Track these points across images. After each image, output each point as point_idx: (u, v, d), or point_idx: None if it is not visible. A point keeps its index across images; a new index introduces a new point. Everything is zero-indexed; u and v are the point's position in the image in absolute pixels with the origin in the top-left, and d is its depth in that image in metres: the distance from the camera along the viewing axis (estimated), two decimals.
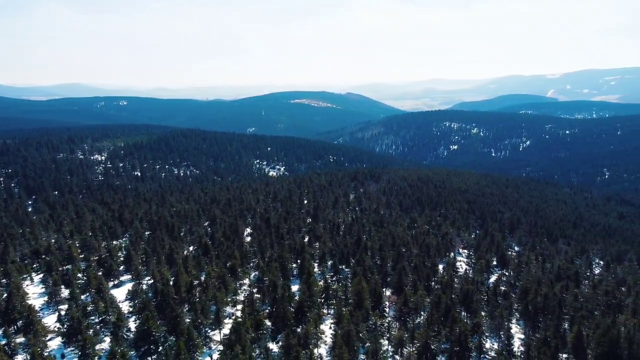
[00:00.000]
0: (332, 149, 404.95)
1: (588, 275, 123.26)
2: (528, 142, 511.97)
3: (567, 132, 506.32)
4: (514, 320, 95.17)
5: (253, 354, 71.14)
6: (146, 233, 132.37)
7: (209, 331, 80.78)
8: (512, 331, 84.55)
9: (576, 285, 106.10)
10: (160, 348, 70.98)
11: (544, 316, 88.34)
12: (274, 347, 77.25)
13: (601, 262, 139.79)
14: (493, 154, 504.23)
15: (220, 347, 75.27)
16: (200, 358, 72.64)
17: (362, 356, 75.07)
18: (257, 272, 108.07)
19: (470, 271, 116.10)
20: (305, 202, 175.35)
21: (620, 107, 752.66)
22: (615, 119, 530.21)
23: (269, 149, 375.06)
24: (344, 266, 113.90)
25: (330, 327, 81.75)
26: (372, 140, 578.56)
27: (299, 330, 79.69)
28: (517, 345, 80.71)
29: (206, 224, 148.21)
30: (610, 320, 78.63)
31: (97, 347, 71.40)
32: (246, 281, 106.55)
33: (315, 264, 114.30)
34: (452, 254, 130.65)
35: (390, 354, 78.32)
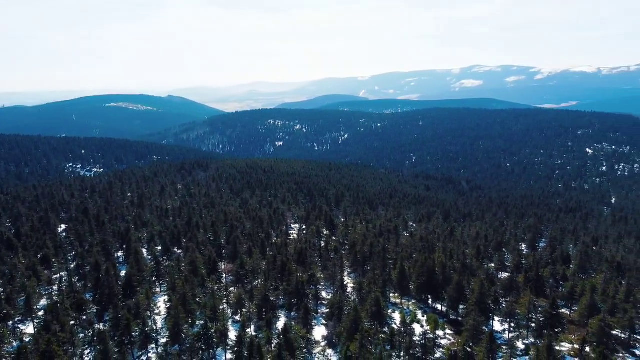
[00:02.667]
0: (156, 148, 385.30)
1: (405, 229, 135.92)
2: (346, 136, 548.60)
3: (379, 125, 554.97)
4: (345, 274, 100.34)
5: (80, 335, 63.79)
6: None
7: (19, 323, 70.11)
8: (346, 282, 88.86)
9: (396, 237, 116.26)
10: None
11: (372, 263, 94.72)
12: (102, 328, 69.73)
13: (414, 225, 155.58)
14: (316, 148, 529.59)
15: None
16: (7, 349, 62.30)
17: (200, 322, 71.73)
18: (78, 261, 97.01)
19: (303, 236, 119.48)
20: (129, 194, 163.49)
21: (419, 104, 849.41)
22: (416, 112, 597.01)
23: (83, 151, 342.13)
24: (176, 248, 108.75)
25: (165, 300, 77.15)
26: (199, 141, 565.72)
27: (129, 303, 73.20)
28: (350, 290, 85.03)
29: (8, 223, 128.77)
30: (426, 256, 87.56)
31: None
32: (64, 274, 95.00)
33: (144, 249, 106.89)
34: (284, 226, 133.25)
35: (230, 314, 76.46)
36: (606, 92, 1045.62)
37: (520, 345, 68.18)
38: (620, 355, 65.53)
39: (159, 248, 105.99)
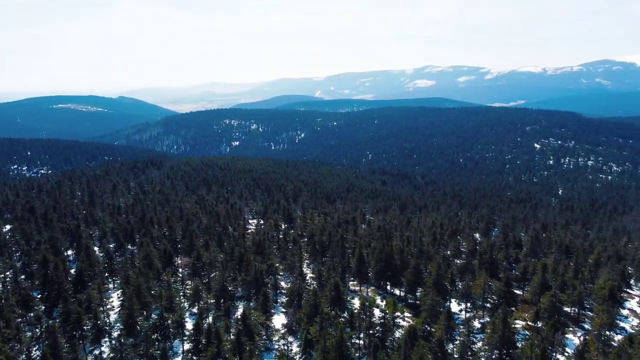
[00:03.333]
0: (107, 149, 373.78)
1: (363, 222, 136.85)
2: (303, 135, 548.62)
3: (335, 123, 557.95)
4: (305, 265, 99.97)
5: (28, 333, 60.70)
6: None
7: None
8: (305, 272, 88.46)
9: (354, 227, 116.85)
10: None
11: (330, 251, 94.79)
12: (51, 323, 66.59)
13: (372, 217, 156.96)
14: (273, 147, 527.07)
15: None
16: None
17: (155, 314, 69.73)
18: (24, 259, 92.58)
19: (261, 229, 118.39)
20: (79, 193, 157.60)
21: (374, 103, 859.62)
22: (372, 111, 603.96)
23: (28, 152, 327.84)
24: (129, 245, 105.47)
25: (118, 296, 74.66)
26: (152, 142, 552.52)
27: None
28: (309, 279, 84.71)
29: None
30: (384, 243, 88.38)
31: None
32: (9, 273, 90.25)
33: (96, 248, 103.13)
34: (241, 221, 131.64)
35: (187, 307, 74.65)
36: (551, 91, 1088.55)
37: (476, 324, 69.74)
38: (571, 329, 68.05)
39: (112, 246, 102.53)
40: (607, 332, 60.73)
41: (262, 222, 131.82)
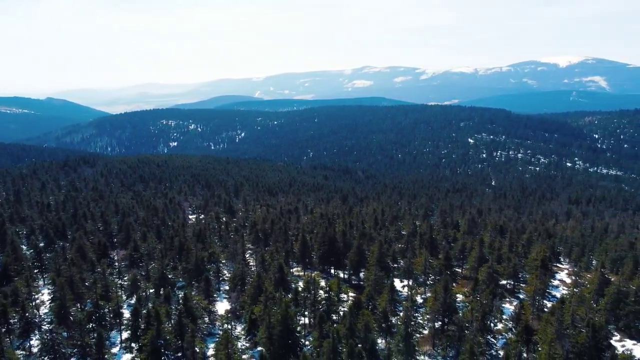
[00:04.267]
0: (35, 151, 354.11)
1: (306, 212, 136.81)
2: (243, 134, 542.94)
3: (276, 122, 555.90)
4: (248, 255, 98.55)
5: None
6: None
7: None
8: (248, 260, 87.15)
9: (297, 216, 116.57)
10: None
11: (273, 237, 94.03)
12: None
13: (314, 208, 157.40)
14: (212, 147, 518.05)
15: None
16: None
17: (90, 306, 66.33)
18: None
19: (202, 220, 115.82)
20: (4, 192, 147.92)
21: (314, 103, 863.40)
22: (312, 109, 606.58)
23: None
24: (61, 241, 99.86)
25: (49, 291, 70.42)
26: (84, 144, 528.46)
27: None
28: (252, 265, 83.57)
29: None
30: (327, 226, 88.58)
31: None
32: None
33: (24, 247, 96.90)
34: (181, 214, 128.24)
35: (125, 298, 71.56)
36: (482, 90, 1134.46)
37: (419, 299, 71.13)
38: (507, 299, 70.80)
39: (42, 244, 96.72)
40: (541, 299, 63.75)
41: (202, 216, 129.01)
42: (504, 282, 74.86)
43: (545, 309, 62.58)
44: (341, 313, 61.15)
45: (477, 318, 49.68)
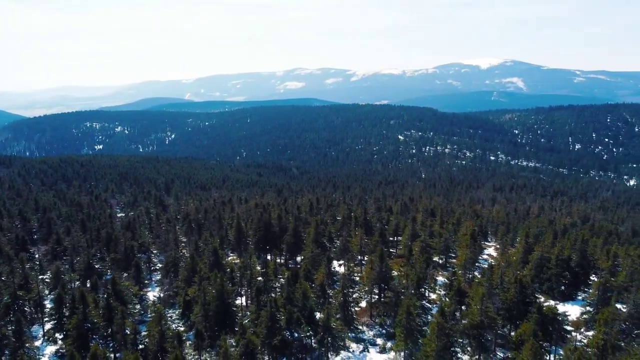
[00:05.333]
0: None
1: (240, 204, 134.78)
2: (173, 136, 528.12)
3: (207, 123, 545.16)
4: (181, 247, 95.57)
5: None
6: None
7: None
8: (181, 250, 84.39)
9: (231, 207, 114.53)
10: None
11: (207, 225, 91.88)
12: None
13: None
14: (141, 149, 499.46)
15: None
16: None
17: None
18: None
19: (131, 214, 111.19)
20: None
21: (246, 104, 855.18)
22: (245, 110, 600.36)
23: None
24: None
25: None
26: None
27: None
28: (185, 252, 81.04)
29: None
30: (262, 212, 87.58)
31: None
32: None
33: None
34: (108, 209, 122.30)
35: (47, 292, 67.05)
36: (410, 91, 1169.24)
37: (356, 278, 71.77)
38: (440, 273, 72.94)
39: None
40: (471, 268, 66.22)
41: (132, 212, 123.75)
42: (436, 258, 77.12)
43: (476, 280, 65.08)
44: (278, 290, 60.61)
45: (413, 284, 50.68)
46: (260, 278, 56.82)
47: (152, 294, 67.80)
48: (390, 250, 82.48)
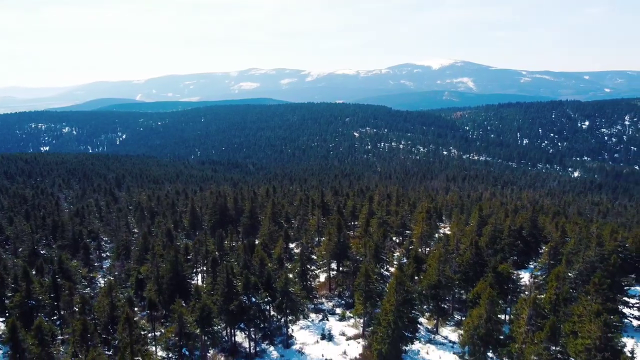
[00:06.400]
0: None
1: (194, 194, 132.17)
2: (124, 136, 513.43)
3: (160, 123, 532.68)
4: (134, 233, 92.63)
5: None
6: None
7: None
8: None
9: (185, 196, 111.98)
10: None
11: (161, 211, 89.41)
12: None
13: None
14: (91, 150, 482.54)
15: None
16: None
17: None
18: None
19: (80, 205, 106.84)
20: None
21: (200, 104, 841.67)
22: (198, 109, 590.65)
23: None
24: None
25: None
26: None
27: None
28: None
29: None
30: (217, 195, 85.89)
31: None
32: None
33: None
34: (54, 202, 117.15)
35: None
36: (365, 91, 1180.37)
37: (314, 257, 71.33)
38: (398, 250, 73.47)
39: None
40: (427, 239, 66.99)
41: (80, 205, 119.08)
42: (394, 238, 77.68)
43: (433, 250, 65.93)
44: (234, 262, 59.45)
45: (371, 251, 50.67)
46: (217, 253, 55.44)
47: (103, 281, 65.14)
48: (348, 233, 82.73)
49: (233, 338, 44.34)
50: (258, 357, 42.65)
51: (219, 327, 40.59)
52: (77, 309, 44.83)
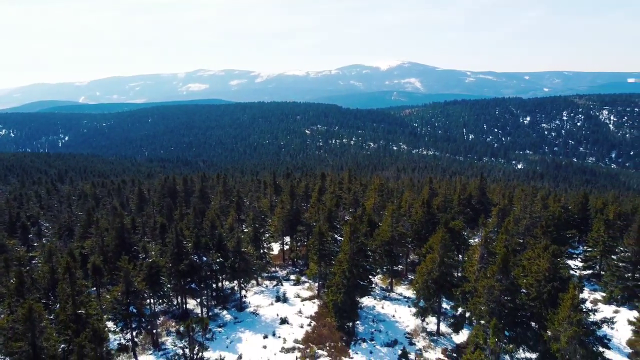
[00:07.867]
0: None
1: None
2: (67, 138, 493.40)
3: (105, 124, 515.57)
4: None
5: None
6: None
7: None
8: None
9: (132, 183, 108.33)
10: None
11: (114, 195, 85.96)
12: None
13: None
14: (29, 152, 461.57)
15: None
16: None
17: None
18: None
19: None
20: None
21: (147, 105, 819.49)
22: (145, 110, 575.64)
23: None
24: None
25: None
26: None
27: None
28: None
29: None
30: (165, 178, 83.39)
31: None
32: None
33: None
34: None
35: None
36: (315, 92, 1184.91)
37: (268, 220, 70.50)
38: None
39: None
40: (379, 215, 67.28)
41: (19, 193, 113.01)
42: (346, 216, 77.79)
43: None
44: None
45: (324, 215, 50.34)
46: (165, 222, 53.57)
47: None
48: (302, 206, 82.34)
49: (185, 306, 42.91)
50: (211, 321, 41.42)
51: (168, 287, 39.10)
52: (13, 281, 42.20)
